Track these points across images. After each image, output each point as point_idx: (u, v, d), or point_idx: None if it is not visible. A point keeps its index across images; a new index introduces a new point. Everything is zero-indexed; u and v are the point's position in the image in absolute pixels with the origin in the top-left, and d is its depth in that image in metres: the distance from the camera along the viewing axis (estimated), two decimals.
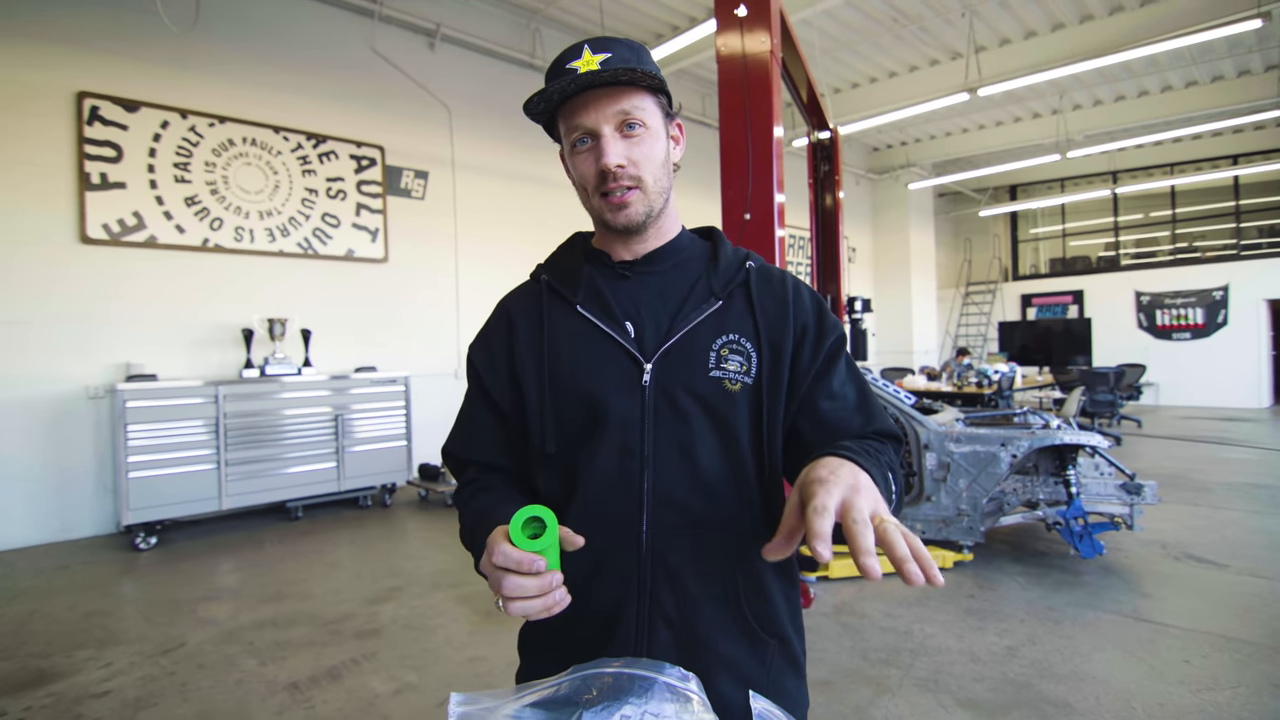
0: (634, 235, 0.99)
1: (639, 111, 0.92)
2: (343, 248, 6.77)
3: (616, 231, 0.98)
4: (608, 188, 0.93)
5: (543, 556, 0.76)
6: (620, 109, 0.91)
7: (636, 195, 0.94)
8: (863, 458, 0.80)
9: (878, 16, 8.79)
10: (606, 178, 0.92)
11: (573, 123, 0.93)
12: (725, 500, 0.94)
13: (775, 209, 3.32)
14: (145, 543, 4.92)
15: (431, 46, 7.45)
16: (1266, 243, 13.41)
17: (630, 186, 0.93)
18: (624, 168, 0.92)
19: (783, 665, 0.97)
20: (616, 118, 0.91)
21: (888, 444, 0.97)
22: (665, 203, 0.99)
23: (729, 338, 0.96)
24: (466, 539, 0.97)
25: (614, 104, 0.91)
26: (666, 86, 0.96)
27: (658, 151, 0.95)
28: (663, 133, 0.97)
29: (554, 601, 0.77)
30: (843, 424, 0.97)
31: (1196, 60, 9.97)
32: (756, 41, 3.32)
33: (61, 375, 5.19)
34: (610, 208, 0.94)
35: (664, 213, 1.00)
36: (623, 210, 0.94)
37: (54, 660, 3.15)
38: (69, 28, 5.27)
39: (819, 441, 0.95)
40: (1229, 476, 6.63)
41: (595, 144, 0.92)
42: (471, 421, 1.07)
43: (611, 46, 0.92)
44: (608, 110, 0.91)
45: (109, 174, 5.40)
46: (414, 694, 2.81)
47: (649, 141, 0.94)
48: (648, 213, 0.96)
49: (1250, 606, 3.52)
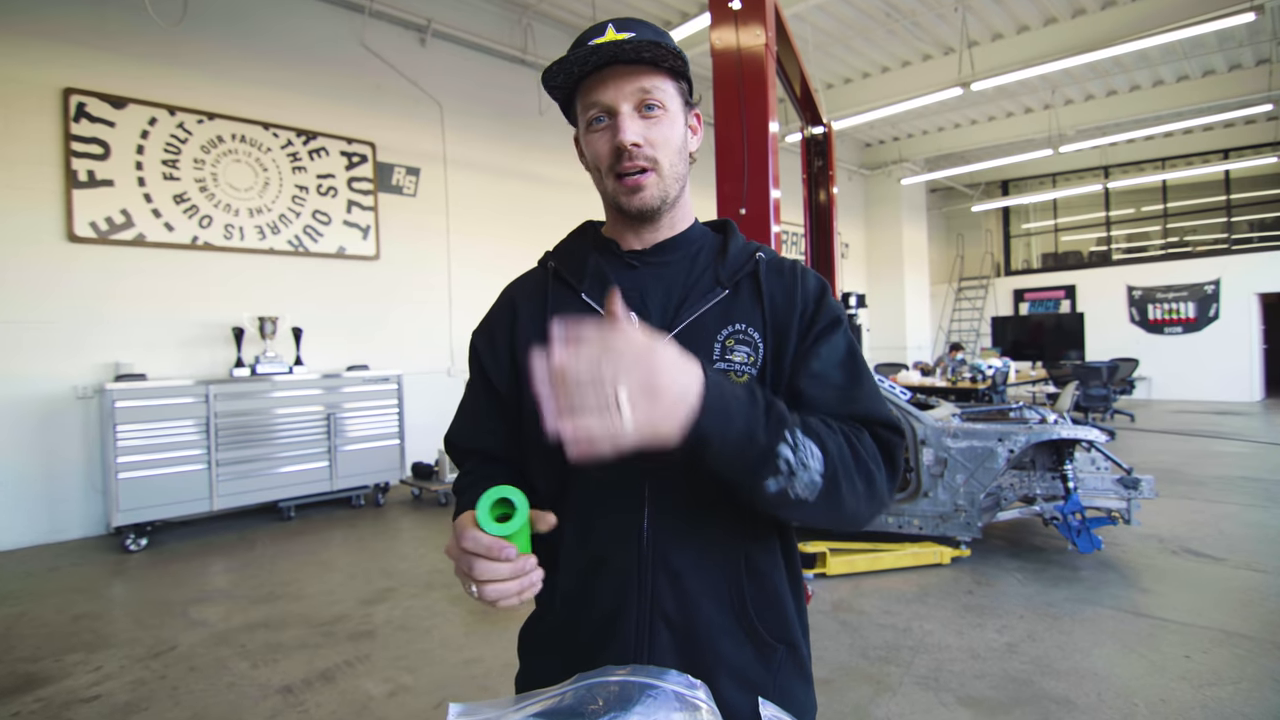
0: (647, 221, 0.96)
1: (659, 92, 0.90)
2: (334, 245, 6.71)
3: (630, 216, 0.95)
4: (622, 167, 0.90)
5: (512, 543, 0.74)
6: (640, 86, 0.89)
7: (652, 178, 0.91)
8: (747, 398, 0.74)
9: (870, 11, 8.78)
10: (621, 156, 0.89)
11: (590, 99, 0.90)
12: (729, 498, 0.90)
13: (771, 204, 3.29)
14: (135, 544, 4.86)
15: (423, 42, 7.38)
16: (1257, 237, 13.49)
17: (646, 168, 0.90)
18: (640, 146, 0.89)
19: (791, 671, 0.94)
20: (635, 96, 0.89)
21: (864, 433, 0.85)
22: (680, 191, 0.97)
23: (735, 328, 0.93)
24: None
25: (634, 82, 0.89)
26: (689, 72, 0.94)
27: (675, 135, 0.93)
28: (681, 118, 0.95)
29: (528, 584, 0.75)
30: (818, 406, 0.88)
31: (1188, 55, 10.01)
32: (751, 35, 3.29)
33: (49, 375, 5.12)
34: (624, 190, 0.91)
35: (678, 202, 0.98)
36: (637, 193, 0.91)
37: (43, 664, 3.10)
38: (55, 23, 5.19)
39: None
40: (1223, 470, 6.65)
41: (612, 122, 0.90)
42: (473, 410, 1.04)
43: (636, 26, 0.89)
44: (627, 88, 0.88)
45: (96, 171, 5.32)
46: (409, 696, 2.77)
47: (667, 124, 0.91)
48: (662, 198, 0.93)
49: (1249, 600, 3.52)
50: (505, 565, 0.73)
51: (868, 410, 0.89)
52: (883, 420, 0.89)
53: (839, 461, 0.79)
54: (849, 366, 0.92)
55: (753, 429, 0.73)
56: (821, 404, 0.88)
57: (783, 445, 0.74)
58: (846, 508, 0.80)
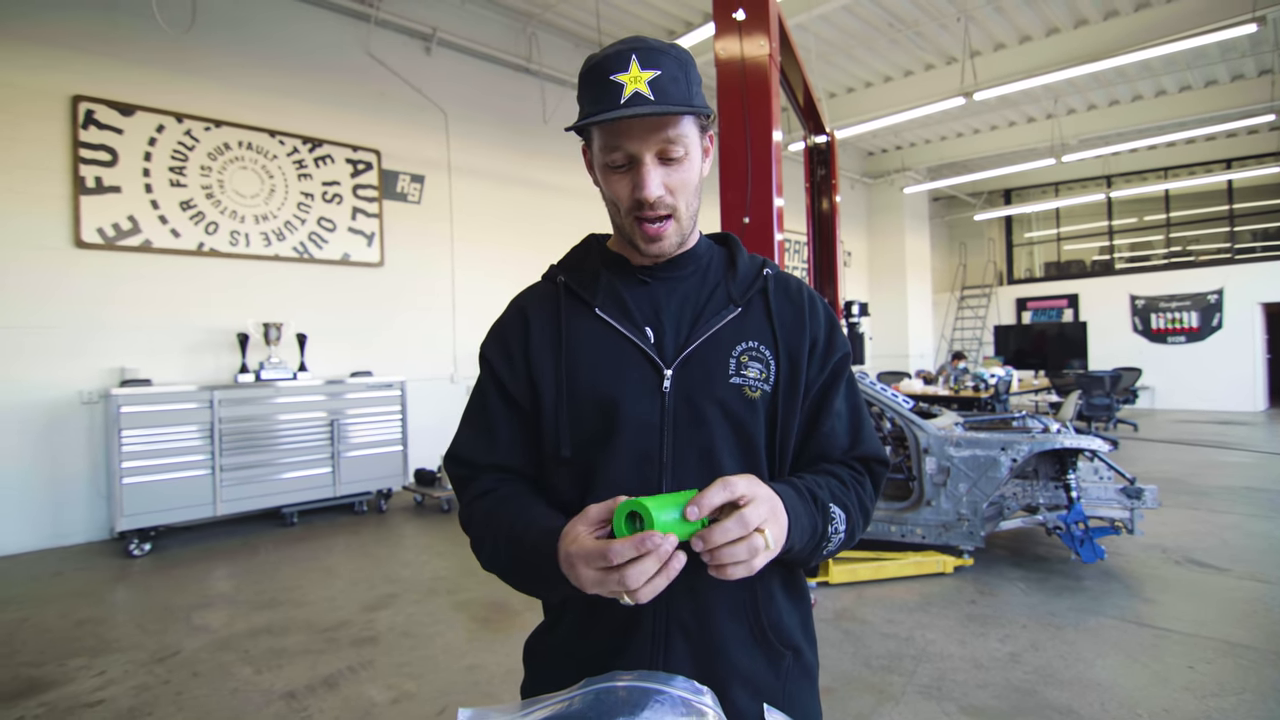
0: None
1: (682, 140, 0.90)
2: (338, 252, 6.74)
3: (647, 256, 0.97)
4: (643, 214, 0.91)
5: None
6: (664, 137, 0.88)
7: (671, 227, 0.93)
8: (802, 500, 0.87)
9: (874, 21, 8.82)
10: (643, 206, 0.90)
11: (612, 141, 0.90)
12: None
13: (774, 213, 3.31)
14: (139, 549, 4.87)
15: (428, 50, 7.43)
16: (1261, 246, 13.48)
17: (666, 216, 0.92)
18: (662, 198, 0.90)
19: (798, 677, 0.97)
20: (659, 145, 0.89)
21: (865, 477, 1.01)
22: (693, 223, 0.99)
23: (748, 345, 0.96)
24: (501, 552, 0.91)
25: (659, 132, 0.88)
26: (709, 108, 0.94)
27: (694, 178, 0.94)
28: (699, 155, 0.95)
29: (673, 564, 0.72)
30: (835, 443, 1.00)
31: (1190, 65, 10.03)
32: (755, 45, 3.31)
33: (55, 380, 5.14)
34: (644, 237, 0.93)
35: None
36: (656, 242, 0.94)
37: (46, 669, 3.10)
38: (64, 31, 5.24)
39: (807, 457, 1.00)
40: (1226, 480, 6.63)
41: (634, 170, 0.90)
42: (486, 422, 1.00)
43: (660, 62, 0.87)
44: (651, 139, 0.88)
45: (104, 178, 5.36)
46: (412, 703, 2.78)
47: (687, 168, 0.92)
48: (679, 242, 0.97)
49: (1252, 611, 3.51)
50: (651, 560, 0.70)
51: (872, 450, 1.03)
52: (881, 459, 1.04)
53: (857, 517, 0.95)
54: (852, 402, 1.04)
55: (815, 524, 0.88)
56: (837, 442, 1.00)
57: (829, 525, 0.90)
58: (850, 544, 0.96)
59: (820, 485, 0.92)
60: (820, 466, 0.99)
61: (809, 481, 0.92)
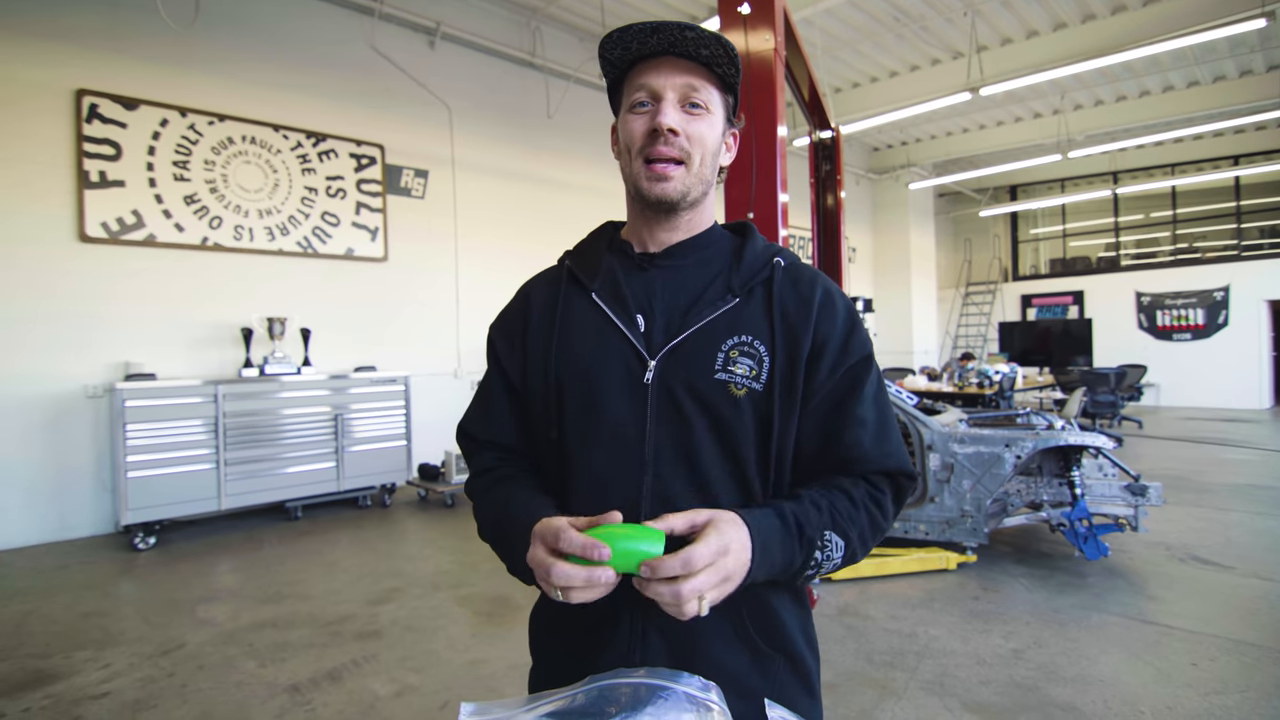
0: (664, 216, 0.96)
1: (705, 93, 0.92)
2: (342, 247, 6.74)
3: (648, 204, 0.94)
4: (653, 151, 0.90)
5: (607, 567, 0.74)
6: (689, 82, 0.91)
7: (680, 171, 0.92)
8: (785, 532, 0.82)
9: (879, 16, 8.78)
10: (655, 139, 0.90)
11: (638, 81, 0.92)
12: (726, 508, 0.87)
13: (779, 208, 3.30)
14: (144, 542, 4.89)
15: (432, 45, 7.42)
16: (1268, 243, 13.41)
17: (677, 160, 0.91)
18: (676, 134, 0.90)
19: (790, 682, 0.93)
20: (682, 89, 0.91)
21: (885, 494, 0.92)
22: (703, 196, 0.97)
23: (741, 339, 0.91)
24: (488, 532, 0.97)
25: (685, 76, 0.91)
26: (738, 88, 0.95)
27: (712, 137, 0.93)
28: (721, 125, 0.95)
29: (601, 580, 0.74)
30: (857, 455, 0.91)
31: (1198, 60, 9.96)
32: (760, 40, 3.30)
33: (60, 374, 5.16)
34: (649, 175, 0.91)
35: (699, 205, 0.98)
36: (660, 182, 0.91)
37: (52, 661, 3.12)
38: (68, 25, 5.24)
39: (826, 469, 0.92)
40: (1231, 478, 6.62)
41: (655, 106, 0.91)
42: (489, 401, 1.05)
43: (702, 31, 0.89)
44: (677, 79, 0.90)
45: (108, 172, 5.37)
46: (415, 696, 2.78)
47: (706, 123, 0.92)
48: (684, 193, 0.93)
49: (1256, 609, 3.50)
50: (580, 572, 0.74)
51: (897, 464, 0.93)
52: (907, 472, 0.94)
53: (859, 542, 0.88)
54: (879, 409, 0.95)
55: (790, 558, 0.83)
56: (859, 453, 0.91)
57: (815, 554, 0.84)
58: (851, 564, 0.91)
59: (819, 509, 0.86)
60: (834, 481, 0.91)
61: (804, 507, 0.86)
